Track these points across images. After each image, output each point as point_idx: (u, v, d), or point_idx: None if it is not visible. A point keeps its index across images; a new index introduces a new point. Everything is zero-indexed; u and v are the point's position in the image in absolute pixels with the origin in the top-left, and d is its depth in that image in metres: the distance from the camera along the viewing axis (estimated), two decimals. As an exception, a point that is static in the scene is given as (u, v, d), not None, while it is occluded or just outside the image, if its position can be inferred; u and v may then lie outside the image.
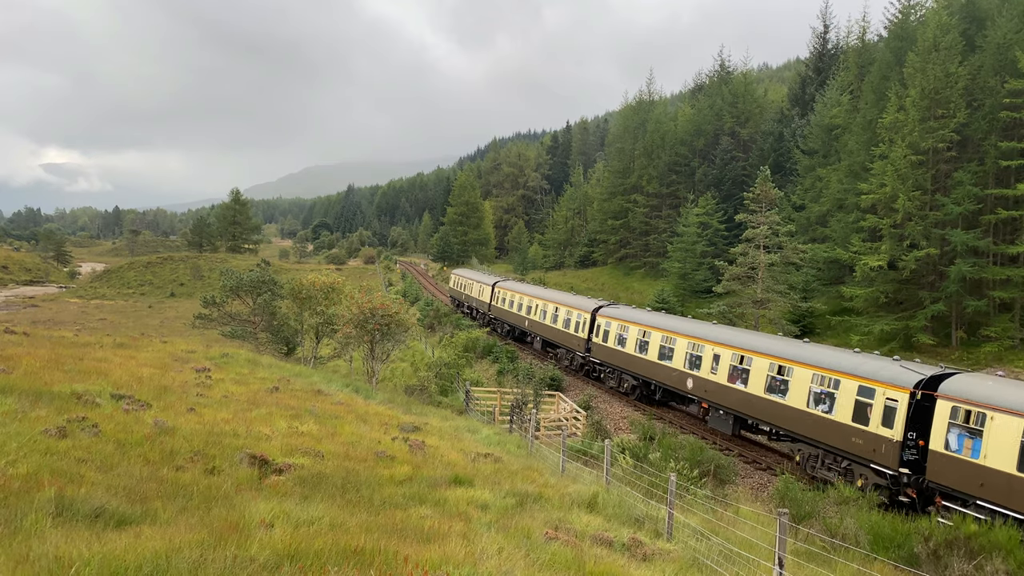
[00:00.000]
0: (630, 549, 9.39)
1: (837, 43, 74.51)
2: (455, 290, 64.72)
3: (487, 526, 8.94)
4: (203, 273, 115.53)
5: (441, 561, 6.59)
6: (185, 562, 5.68)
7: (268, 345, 37.84)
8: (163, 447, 10.69)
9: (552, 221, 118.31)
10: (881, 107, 46.39)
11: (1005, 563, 11.75)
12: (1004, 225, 40.55)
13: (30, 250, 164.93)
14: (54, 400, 12.49)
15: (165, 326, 68.30)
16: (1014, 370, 34.69)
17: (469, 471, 12.62)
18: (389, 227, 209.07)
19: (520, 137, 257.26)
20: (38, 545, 5.76)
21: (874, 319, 42.51)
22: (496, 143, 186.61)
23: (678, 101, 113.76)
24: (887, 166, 41.84)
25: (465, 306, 60.89)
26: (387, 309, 30.45)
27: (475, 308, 57.37)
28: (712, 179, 74.55)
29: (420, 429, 17.51)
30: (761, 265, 46.08)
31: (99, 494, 7.75)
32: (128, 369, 18.07)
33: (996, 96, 39.81)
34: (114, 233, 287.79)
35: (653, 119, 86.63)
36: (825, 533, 14.04)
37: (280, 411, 15.75)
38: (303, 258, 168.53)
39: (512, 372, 39.35)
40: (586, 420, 28.88)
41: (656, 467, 16.79)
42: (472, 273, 63.93)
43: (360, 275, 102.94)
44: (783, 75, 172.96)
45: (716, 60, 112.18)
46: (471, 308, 58.83)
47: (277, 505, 8.23)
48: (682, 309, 59.77)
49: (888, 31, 58.22)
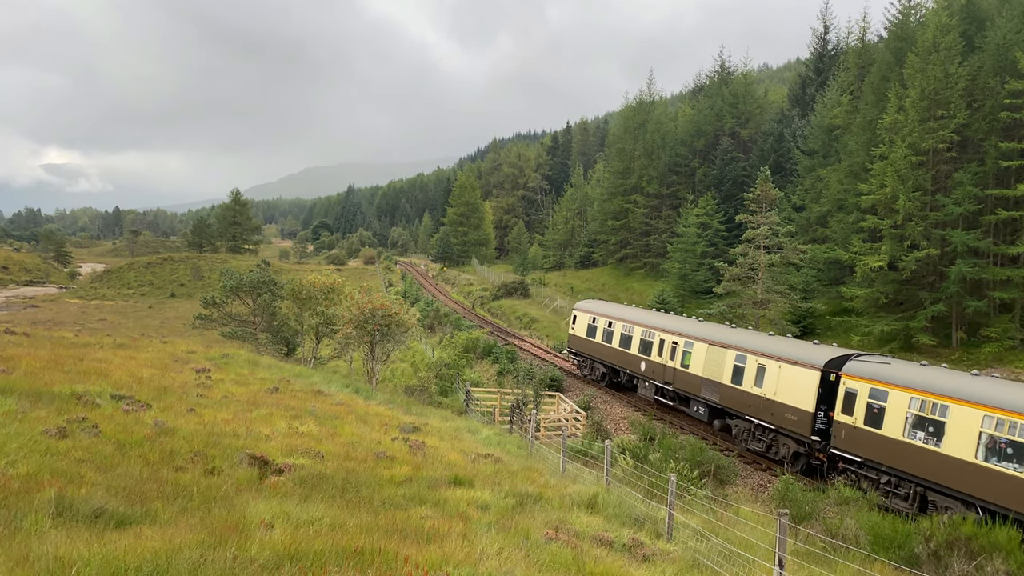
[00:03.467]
0: (630, 550, 9.39)
1: (837, 44, 74.50)
2: (579, 339, 37.81)
3: (487, 526, 8.94)
4: (203, 274, 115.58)
5: (441, 561, 6.59)
6: (185, 562, 5.68)
7: (268, 346, 37.88)
8: (163, 448, 10.70)
9: (552, 222, 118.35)
10: (881, 108, 46.38)
11: (1005, 563, 11.75)
12: (1004, 226, 40.55)
13: (30, 251, 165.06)
14: (54, 401, 12.49)
15: (165, 327, 68.32)
16: (1014, 371, 34.68)
17: (469, 471, 12.63)
18: (389, 228, 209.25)
19: (520, 137, 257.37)
20: (38, 545, 5.76)
21: (874, 320, 42.50)
22: (496, 143, 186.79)
23: (678, 101, 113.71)
24: (887, 167, 41.83)
25: (601, 369, 36.20)
26: (387, 310, 30.49)
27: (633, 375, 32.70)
28: (712, 180, 74.55)
29: (420, 429, 17.51)
30: (761, 266, 46.08)
31: (99, 494, 7.75)
32: (128, 370, 18.07)
33: (996, 97, 39.80)
34: (114, 234, 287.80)
35: (653, 119, 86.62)
36: (825, 533, 14.04)
37: (280, 411, 15.75)
38: (303, 259, 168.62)
39: (512, 372, 39.34)
40: (586, 420, 28.90)
41: (656, 468, 16.80)
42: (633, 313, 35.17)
43: (360, 276, 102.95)
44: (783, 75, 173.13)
45: (716, 60, 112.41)
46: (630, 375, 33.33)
47: (277, 505, 8.23)
48: (682, 310, 59.85)
49: (888, 32, 58.18)
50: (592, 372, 37.38)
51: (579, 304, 39.58)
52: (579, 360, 38.72)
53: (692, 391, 27.89)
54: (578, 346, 38.10)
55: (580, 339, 37.74)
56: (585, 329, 36.98)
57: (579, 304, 39.58)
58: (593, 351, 36.41)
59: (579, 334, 37.74)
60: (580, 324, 37.81)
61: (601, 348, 35.52)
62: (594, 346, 36.20)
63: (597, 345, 35.85)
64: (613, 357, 34.50)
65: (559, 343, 50.04)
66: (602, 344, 35.34)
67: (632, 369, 32.59)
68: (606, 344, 34.97)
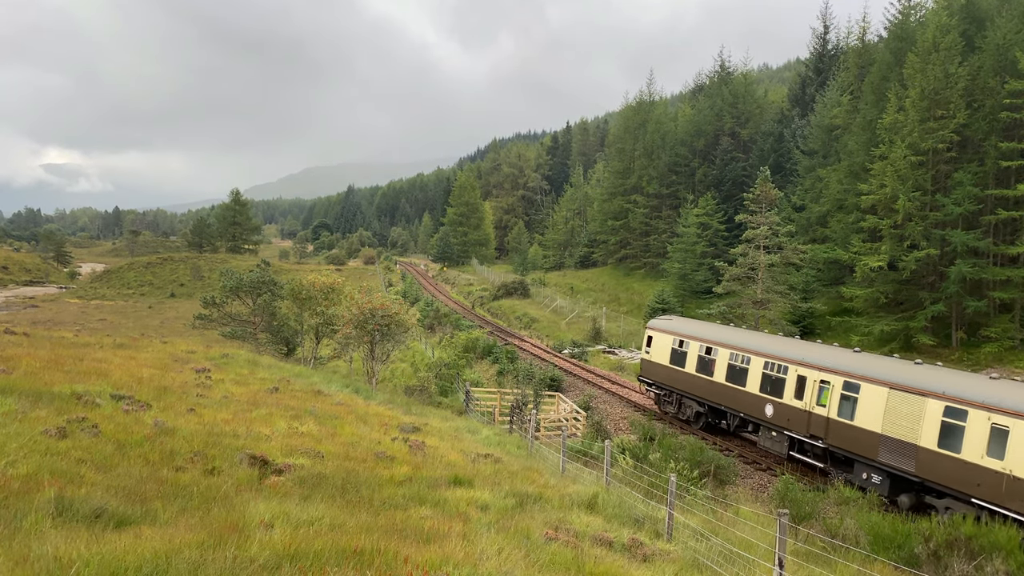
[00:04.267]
0: (630, 550, 9.39)
1: (837, 44, 74.55)
2: (659, 366, 29.87)
3: (487, 526, 8.94)
4: (203, 274, 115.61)
5: (441, 562, 6.59)
6: (185, 563, 5.68)
7: (268, 346, 37.91)
8: (163, 448, 10.70)
9: (552, 222, 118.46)
10: (881, 108, 46.40)
11: (1005, 564, 11.75)
12: (1004, 226, 40.58)
13: (30, 251, 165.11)
14: (54, 400, 12.49)
15: (165, 326, 68.33)
16: (1014, 371, 34.67)
17: (469, 472, 12.63)
18: (389, 228, 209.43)
19: (520, 137, 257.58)
20: (38, 545, 5.76)
21: (874, 320, 42.53)
22: (496, 143, 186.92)
23: (678, 101, 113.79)
24: (887, 167, 41.86)
25: (695, 407, 28.03)
26: (387, 309, 30.48)
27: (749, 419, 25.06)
28: (712, 180, 74.59)
29: (420, 430, 17.51)
30: (761, 266, 46.11)
31: (99, 494, 7.75)
32: (128, 370, 18.07)
33: (996, 97, 39.83)
34: (114, 234, 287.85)
35: (653, 119, 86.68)
36: (825, 534, 14.05)
37: (280, 411, 15.75)
38: (303, 259, 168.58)
39: (512, 372, 39.34)
40: (586, 420, 28.90)
41: (656, 467, 16.81)
42: (744, 337, 26.90)
43: (360, 276, 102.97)
44: (783, 75, 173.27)
45: (716, 60, 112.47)
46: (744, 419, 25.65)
47: (277, 505, 8.23)
48: (682, 310, 59.85)
49: (888, 32, 58.20)
50: (680, 411, 28.87)
51: (656, 322, 31.60)
52: (659, 393, 30.45)
53: (860, 452, 20.08)
54: (657, 375, 29.92)
55: (660, 367, 29.60)
56: (668, 354, 29.04)
57: (656, 322, 31.60)
58: (682, 384, 28.32)
59: (658, 360, 29.72)
60: (659, 347, 29.75)
61: (695, 381, 27.48)
62: (683, 377, 28.17)
63: (688, 377, 27.86)
64: (715, 394, 26.35)
65: (559, 343, 50.02)
66: (697, 376, 27.34)
67: (748, 411, 24.62)
68: (703, 376, 26.96)
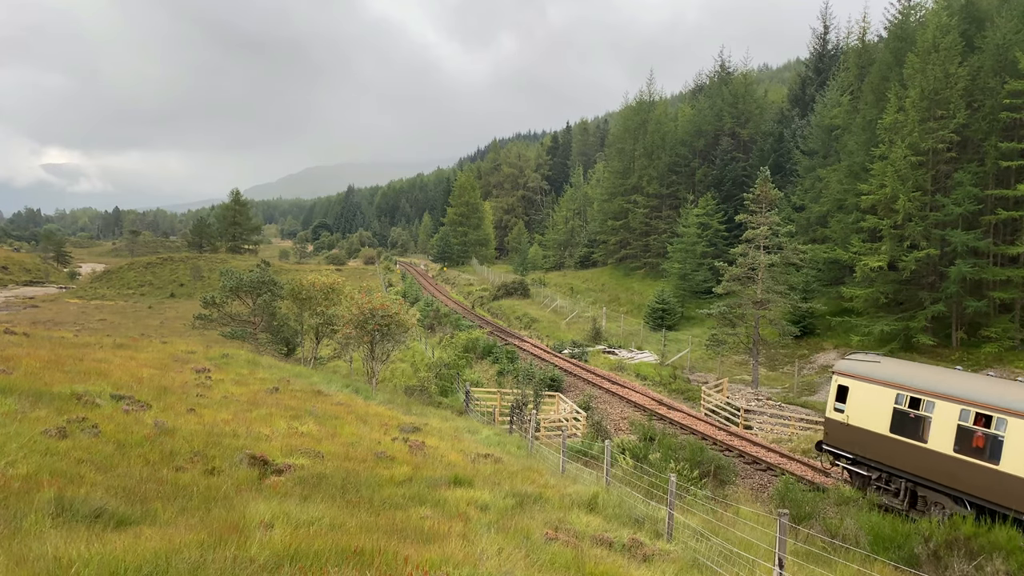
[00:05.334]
0: (630, 550, 9.39)
1: (837, 44, 74.61)
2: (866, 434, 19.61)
3: (487, 527, 8.94)
4: (203, 274, 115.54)
5: (441, 562, 6.59)
6: (185, 563, 5.68)
7: (268, 346, 37.91)
8: (163, 448, 10.70)
9: (552, 222, 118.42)
10: (881, 108, 46.40)
11: (1005, 564, 11.75)
12: (1004, 226, 40.57)
13: (30, 251, 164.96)
14: (54, 401, 12.49)
15: (165, 327, 68.29)
16: (1014, 371, 34.66)
17: (469, 472, 12.62)
18: (389, 228, 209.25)
19: (520, 138, 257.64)
20: (38, 545, 5.76)
21: (874, 320, 42.51)
22: (496, 144, 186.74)
23: (678, 101, 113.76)
24: (887, 167, 41.85)
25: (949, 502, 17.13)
26: (387, 310, 30.45)
27: None
28: (712, 180, 74.58)
29: (420, 430, 17.51)
30: (761, 266, 46.05)
31: (99, 495, 7.75)
32: (128, 370, 18.07)
33: (996, 97, 39.82)
34: (114, 234, 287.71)
35: (653, 119, 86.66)
36: (825, 534, 14.04)
37: (280, 412, 15.75)
38: (303, 259, 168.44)
39: (512, 372, 39.30)
40: (586, 421, 28.88)
41: (656, 468, 16.80)
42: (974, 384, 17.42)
43: (360, 276, 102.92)
44: (783, 76, 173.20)
45: (716, 60, 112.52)
46: None
47: (277, 506, 8.22)
48: (682, 309, 59.83)
49: (888, 32, 58.21)
50: (913, 503, 18.34)
51: (852, 364, 21.03)
52: (862, 469, 19.94)
53: None
54: (859, 445, 19.87)
55: (866, 433, 19.57)
56: (887, 416, 18.84)
57: (852, 364, 21.03)
58: (919, 466, 17.88)
59: (864, 424, 19.65)
60: (866, 402, 19.69)
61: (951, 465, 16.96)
62: (921, 456, 17.77)
63: (935, 457, 17.36)
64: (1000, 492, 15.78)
65: (559, 343, 49.98)
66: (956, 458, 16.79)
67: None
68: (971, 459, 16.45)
